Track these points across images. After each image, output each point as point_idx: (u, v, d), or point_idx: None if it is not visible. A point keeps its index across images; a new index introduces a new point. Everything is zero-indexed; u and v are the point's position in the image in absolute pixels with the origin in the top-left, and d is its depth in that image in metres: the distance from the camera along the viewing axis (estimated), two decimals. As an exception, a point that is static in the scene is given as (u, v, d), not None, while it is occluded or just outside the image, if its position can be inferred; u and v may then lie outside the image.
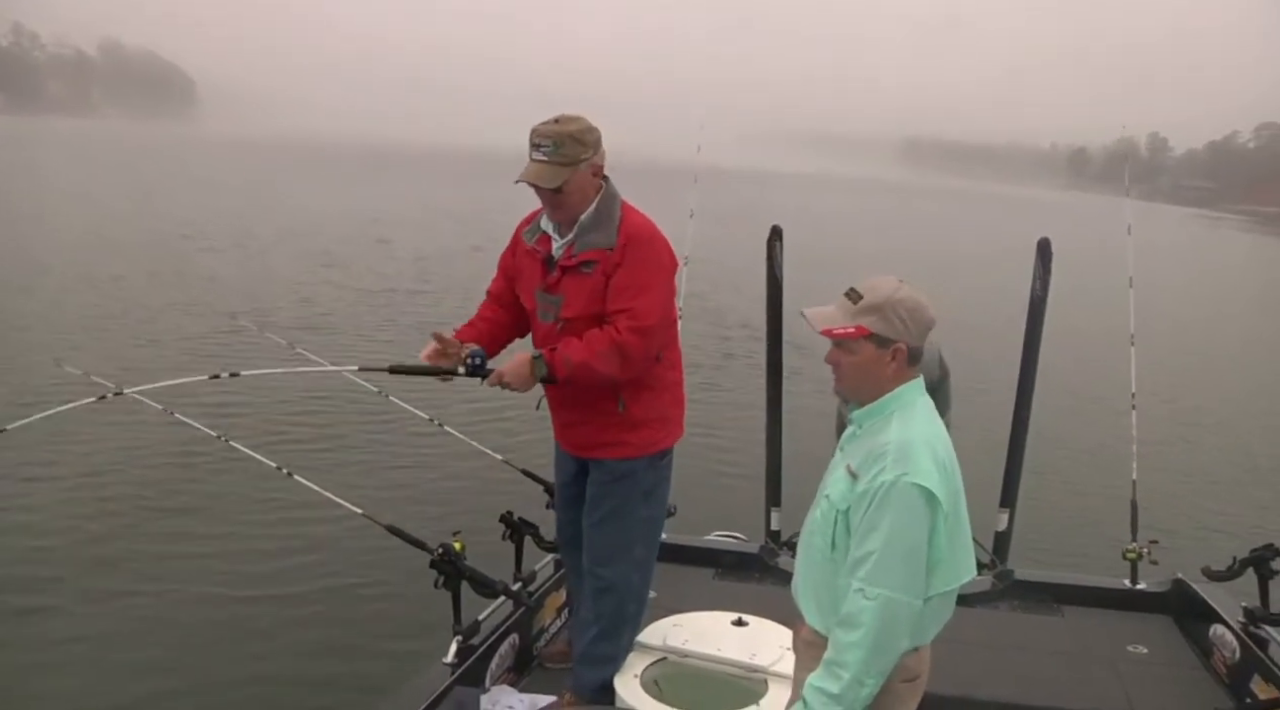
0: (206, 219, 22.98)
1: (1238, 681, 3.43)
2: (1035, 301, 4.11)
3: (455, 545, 2.98)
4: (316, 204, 28.93)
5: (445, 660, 2.99)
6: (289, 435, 7.75)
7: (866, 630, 1.90)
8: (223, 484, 6.54)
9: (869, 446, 2.00)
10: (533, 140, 2.75)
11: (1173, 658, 3.72)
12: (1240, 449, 10.19)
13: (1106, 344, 11.05)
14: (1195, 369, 13.62)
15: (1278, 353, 16.90)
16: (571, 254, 2.82)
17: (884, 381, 2.03)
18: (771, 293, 4.29)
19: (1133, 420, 4.34)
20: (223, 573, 5.45)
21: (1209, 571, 3.69)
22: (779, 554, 4.34)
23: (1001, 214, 51.07)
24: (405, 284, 16.36)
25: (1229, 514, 7.97)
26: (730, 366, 11.63)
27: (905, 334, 1.99)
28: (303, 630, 4.92)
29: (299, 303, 13.95)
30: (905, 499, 1.90)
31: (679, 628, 3.27)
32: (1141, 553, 4.07)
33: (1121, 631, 3.85)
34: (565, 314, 2.84)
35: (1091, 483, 7.87)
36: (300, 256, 18.46)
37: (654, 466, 3.01)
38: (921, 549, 1.92)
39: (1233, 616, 3.61)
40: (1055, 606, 4.05)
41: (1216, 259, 38.91)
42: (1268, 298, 25.90)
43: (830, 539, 2.03)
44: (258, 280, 15.47)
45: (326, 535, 5.73)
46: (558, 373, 2.74)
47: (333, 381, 6.77)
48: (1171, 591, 4.05)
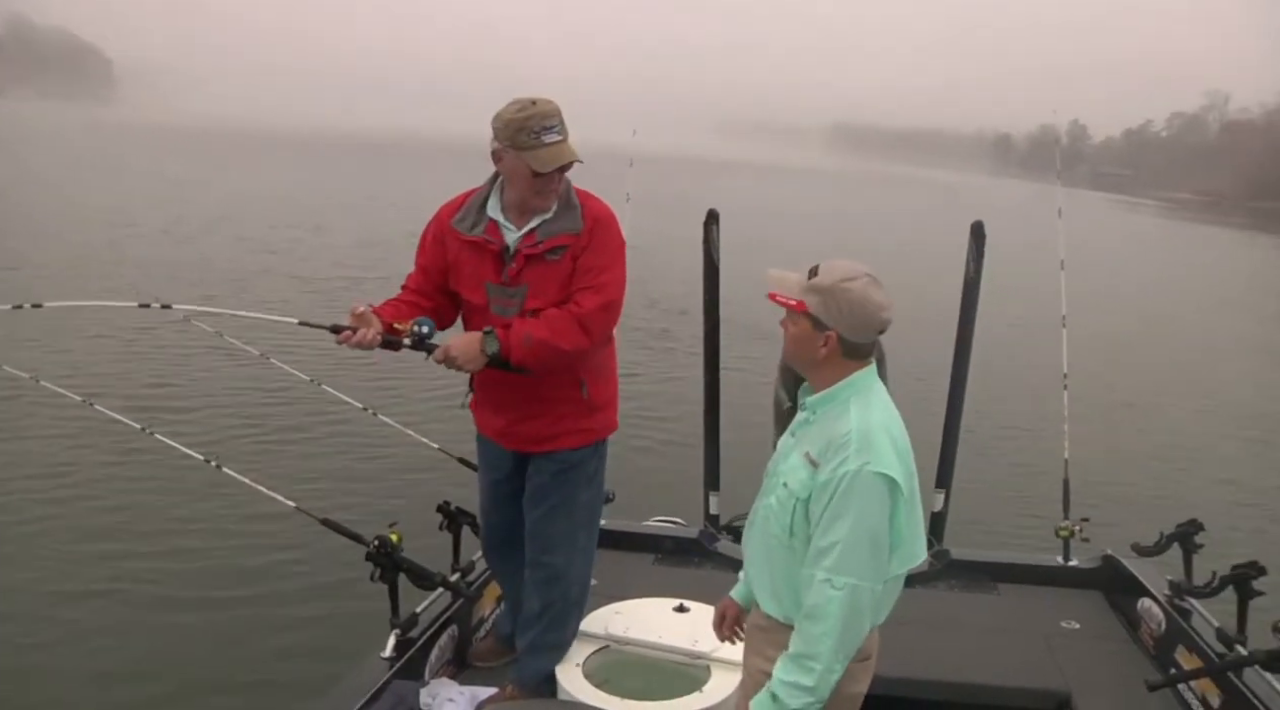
0: (131, 205, 22.11)
1: (1164, 653, 3.53)
2: (969, 284, 4.16)
3: (392, 537, 2.88)
4: (248, 189, 28.05)
5: (383, 654, 2.91)
6: (216, 425, 7.52)
7: (835, 620, 1.91)
8: (145, 477, 6.30)
9: (828, 434, 1.99)
10: (537, 124, 2.59)
11: (1103, 631, 3.81)
12: (1167, 428, 10.54)
13: (1038, 326, 11.41)
14: (1123, 350, 13.99)
15: (1202, 335, 17.43)
16: (535, 241, 2.71)
17: (818, 363, 2.03)
18: (708, 276, 4.27)
19: (1064, 400, 4.42)
20: (145, 572, 5.25)
21: (1138, 547, 3.79)
22: (718, 539, 4.34)
23: (931, 199, 51.94)
24: (345, 272, 15.93)
25: (1157, 492, 8.23)
26: (663, 350, 11.64)
27: (840, 324, 1.98)
28: (233, 629, 4.77)
29: (235, 289, 13.51)
30: (869, 488, 1.91)
31: (620, 615, 3.24)
32: (1073, 530, 4.17)
33: (1055, 607, 3.94)
34: (531, 304, 2.71)
35: (1025, 463, 8.05)
36: (232, 243, 17.88)
37: (598, 452, 2.98)
38: (884, 535, 1.95)
39: (1159, 590, 3.71)
40: (991, 585, 4.12)
41: (1137, 243, 40.17)
42: (1189, 281, 26.78)
43: (788, 526, 2.02)
44: (190, 268, 14.90)
45: (258, 530, 5.57)
46: (513, 352, 2.63)
47: (262, 371, 6.54)
48: (1102, 567, 4.15)
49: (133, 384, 8.43)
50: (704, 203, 4.33)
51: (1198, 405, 11.76)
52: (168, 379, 8.76)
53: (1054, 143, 29.76)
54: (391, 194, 28.83)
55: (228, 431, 7.42)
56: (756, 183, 54.67)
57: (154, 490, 6.17)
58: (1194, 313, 20.05)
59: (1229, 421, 11.12)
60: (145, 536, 5.66)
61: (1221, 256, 37.46)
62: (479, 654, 3.36)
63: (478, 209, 2.79)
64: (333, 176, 36.98)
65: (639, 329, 12.09)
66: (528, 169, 2.62)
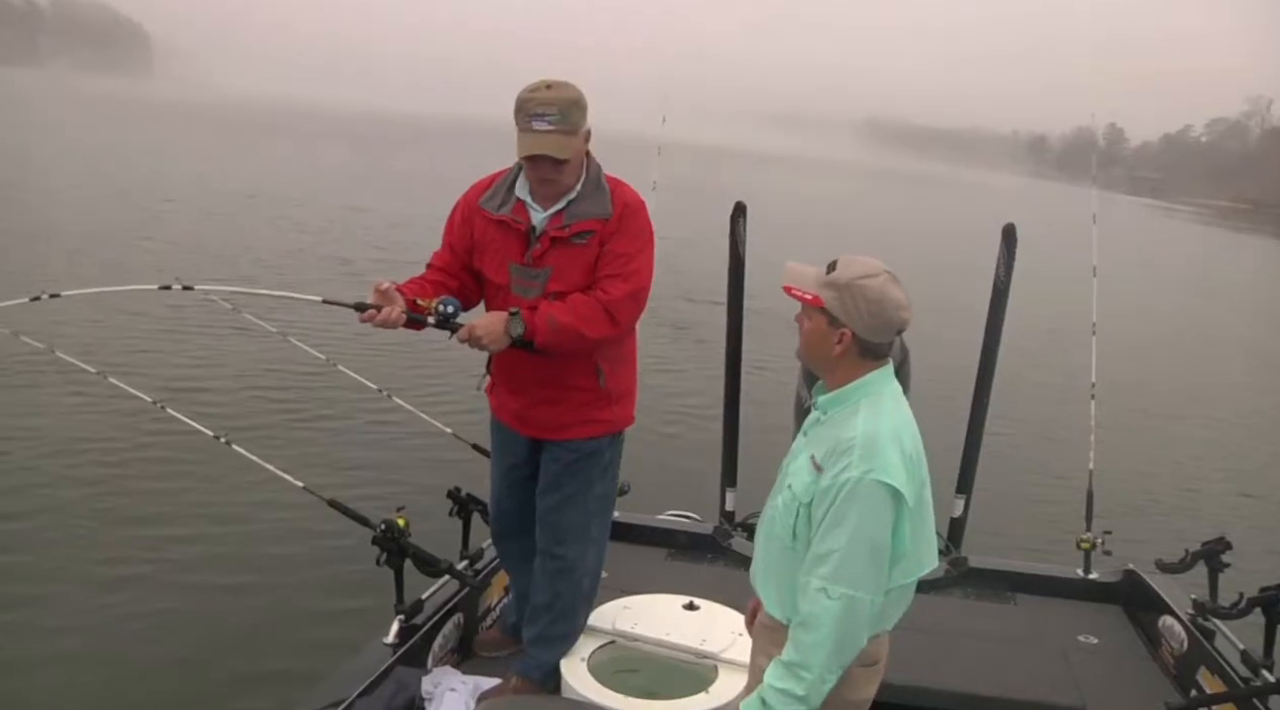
0: (168, 182, 22.21)
1: (1184, 673, 3.43)
2: (999, 287, 4.06)
3: (399, 521, 2.85)
4: (286, 169, 28.27)
5: (386, 640, 2.87)
6: (228, 402, 7.50)
7: (828, 631, 1.86)
8: (154, 454, 6.29)
9: (835, 438, 1.93)
10: (532, 109, 2.54)
11: (1122, 648, 3.72)
12: (1195, 442, 10.33)
13: (1067, 332, 11.23)
14: (1153, 360, 13.80)
15: (1235, 345, 17.19)
16: (562, 224, 2.67)
17: (831, 360, 1.98)
18: (734, 269, 4.20)
19: (1091, 410, 4.33)
20: (153, 549, 5.24)
21: (1162, 563, 3.69)
22: (733, 536, 4.28)
23: (964, 198, 51.47)
24: (378, 253, 15.89)
25: (1182, 506, 8.08)
26: (688, 342, 11.57)
27: (856, 322, 1.92)
28: (236, 609, 4.75)
29: (265, 269, 13.52)
30: (870, 497, 1.85)
31: (629, 610, 3.19)
32: (1095, 542, 4.07)
33: (1073, 621, 3.85)
34: (554, 287, 2.68)
35: (1048, 471, 7.91)
36: (267, 222, 17.89)
37: (615, 443, 2.93)
38: (885, 546, 1.89)
39: (1181, 608, 3.62)
40: (1009, 594, 4.03)
41: (1174, 250, 39.60)
42: (1226, 290, 26.38)
43: (791, 529, 1.98)
44: (224, 246, 14.93)
45: (265, 509, 5.55)
46: (538, 335, 2.59)
47: (278, 351, 6.54)
48: (1123, 582, 4.05)
49: (150, 360, 8.41)
50: (728, 193, 4.26)
51: (1228, 418, 11.54)
52: (185, 356, 8.75)
53: (1089, 145, 29.31)
54: (428, 175, 28.91)
55: (241, 409, 7.41)
56: (786, 175, 54.33)
57: (162, 466, 6.16)
58: (1226, 323, 19.74)
59: (1259, 436, 10.92)
60: (149, 516, 5.64)
61: (1258, 266, 36.83)
62: (484, 643, 3.32)
63: (506, 189, 2.77)
64: (369, 156, 37.17)
65: (663, 320, 12.04)
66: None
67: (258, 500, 5.59)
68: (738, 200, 4.19)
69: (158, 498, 5.84)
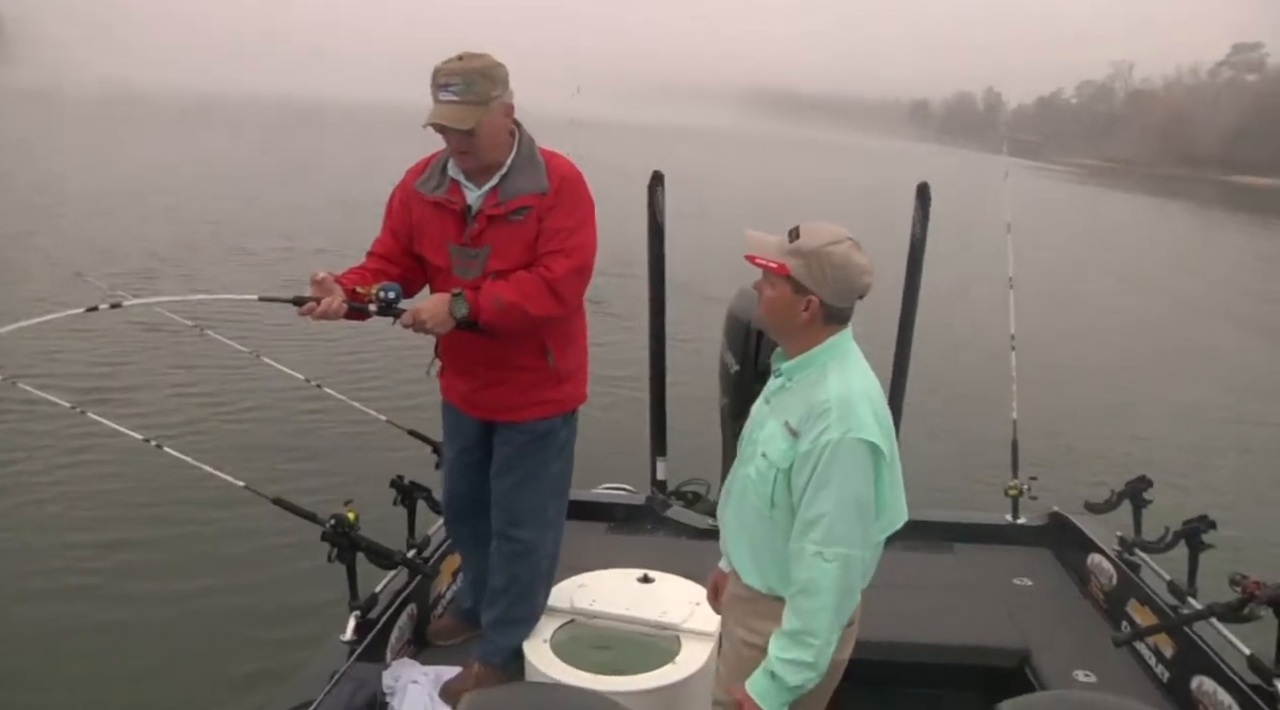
0: (49, 178, 20.89)
1: (1115, 606, 3.61)
2: (915, 244, 4.16)
3: (348, 515, 2.76)
4: (166, 158, 26.88)
5: (343, 638, 2.78)
6: (153, 405, 7.17)
7: (829, 593, 1.90)
8: (80, 462, 5.99)
9: (808, 402, 1.95)
10: (438, 80, 2.50)
11: (1054, 587, 3.89)
12: (1108, 388, 10.83)
13: (979, 289, 11.58)
14: (1056, 312, 14.33)
15: (1139, 295, 17.95)
16: (498, 201, 2.60)
17: (796, 328, 1.99)
18: (653, 239, 4.19)
19: (1012, 361, 4.48)
20: (93, 560, 5.01)
21: (1090, 504, 3.86)
22: (670, 505, 4.30)
23: (861, 163, 52.47)
24: (271, 241, 15.35)
25: (1100, 449, 8.48)
26: (600, 315, 11.52)
27: (822, 288, 1.94)
28: (188, 615, 4.58)
29: (173, 264, 12.91)
30: (852, 455, 1.89)
31: (584, 588, 3.17)
32: (1022, 489, 4.24)
33: (1007, 565, 4.00)
34: (495, 266, 2.62)
35: (973, 423, 8.15)
36: (163, 215, 17.04)
37: (569, 422, 2.89)
38: (870, 502, 1.93)
39: (1108, 545, 3.80)
40: (946, 544, 4.16)
41: (1051, 209, 41.33)
42: (1106, 245, 27.61)
43: (769, 497, 2.00)
44: (125, 242, 14.16)
45: (204, 513, 5.33)
46: (482, 315, 2.54)
47: (197, 345, 6.25)
48: (1050, 525, 4.23)
49: (63, 363, 7.95)
50: (619, 166, 4.23)
51: (1135, 365, 12.13)
52: (100, 358, 8.30)
53: (997, 109, 30.32)
54: (312, 160, 27.96)
55: (167, 411, 7.10)
56: (673, 146, 54.44)
57: (91, 475, 5.88)
58: (1114, 277, 20.71)
59: (1166, 380, 11.52)
60: (83, 524, 5.40)
61: (1133, 221, 38.71)
62: (438, 632, 3.25)
63: (440, 170, 2.70)
64: (248, 144, 35.70)
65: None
66: None
67: (196, 502, 5.36)
68: (655, 169, 4.17)
69: (91, 506, 5.59)
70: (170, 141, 33.98)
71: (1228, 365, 12.69)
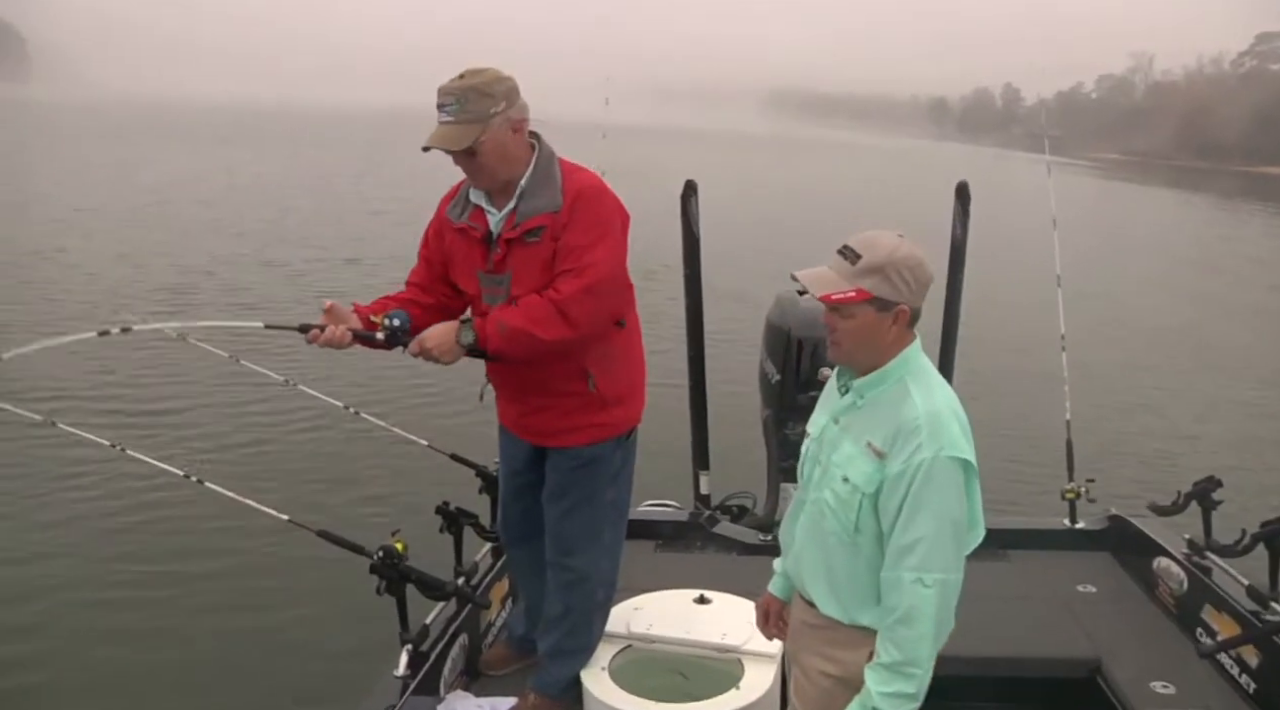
0: (67, 190, 21.11)
1: (1187, 613, 3.47)
2: (956, 244, 4.09)
3: (396, 546, 2.68)
4: (184, 170, 27.18)
5: (396, 673, 2.69)
6: (186, 437, 7.09)
7: (929, 619, 1.82)
8: (122, 501, 5.90)
9: (894, 420, 1.85)
10: (437, 100, 2.43)
11: (1119, 593, 3.75)
12: (1162, 387, 10.63)
13: (1029, 287, 11.37)
14: (1111, 310, 14.16)
15: (1183, 295, 17.63)
16: (514, 224, 2.51)
17: (884, 347, 1.89)
18: (688, 249, 4.11)
19: (1063, 360, 4.36)
20: (140, 599, 4.93)
21: (1155, 507, 3.72)
22: (719, 521, 4.21)
23: (889, 161, 52.01)
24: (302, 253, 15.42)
25: (1157, 450, 8.30)
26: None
27: (908, 295, 1.84)
28: (232, 657, 4.50)
29: (194, 283, 12.88)
30: (946, 475, 1.80)
31: (640, 611, 3.08)
32: (1080, 492, 4.12)
33: (1068, 572, 3.87)
34: (516, 291, 2.53)
35: (1026, 425, 8.00)
36: (186, 226, 17.19)
37: (622, 446, 2.77)
38: (964, 522, 1.86)
39: (1176, 549, 3.66)
40: (1000, 552, 4.02)
41: (1077, 204, 40.86)
42: (1147, 240, 27.19)
43: (853, 523, 1.89)
44: (145, 260, 14.19)
45: (249, 547, 5.26)
46: (489, 341, 2.45)
47: (231, 376, 6.22)
48: (1110, 528, 4.10)
49: (97, 399, 7.89)
50: (648, 174, 4.17)
51: (1189, 363, 11.91)
52: (134, 392, 8.22)
53: (1015, 104, 29.99)
54: (333, 172, 28.20)
55: (206, 443, 7.02)
56: (701, 151, 54.39)
57: (133, 513, 5.80)
58: (1145, 271, 20.35)
59: (1224, 378, 11.30)
60: (127, 564, 5.32)
61: (1158, 216, 38.18)
62: (490, 662, 3.16)
63: (465, 196, 2.63)
64: (263, 155, 36.09)
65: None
66: None
67: (238, 535, 5.28)
68: (688, 178, 4.10)
69: (133, 543, 5.51)
70: (189, 152, 34.38)
71: (1262, 361, 12.44)
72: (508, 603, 3.48)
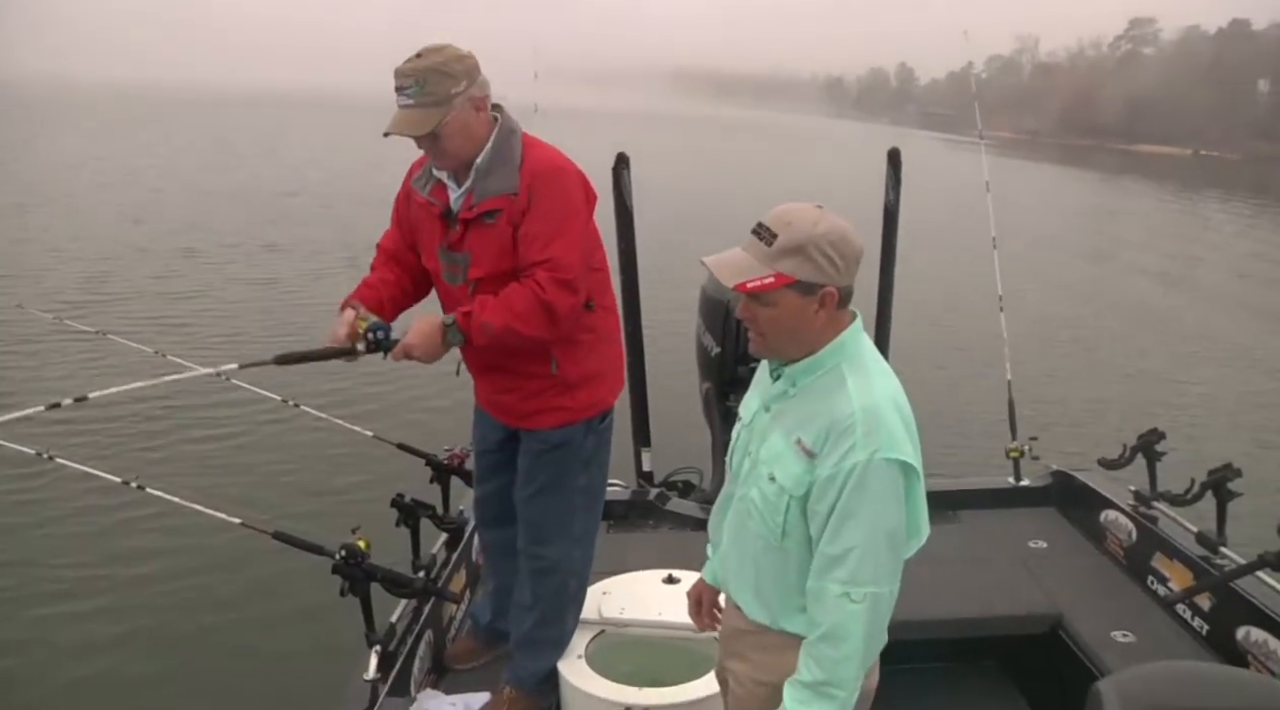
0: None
1: (1137, 562, 3.56)
2: (889, 210, 4.16)
3: (359, 544, 2.53)
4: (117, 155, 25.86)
5: (366, 676, 2.55)
6: (123, 441, 6.67)
7: (858, 639, 1.65)
8: (55, 509, 5.54)
9: (825, 415, 1.67)
10: (396, 83, 2.28)
11: (1071, 547, 3.83)
12: (1093, 347, 10.98)
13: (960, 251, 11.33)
14: (1034, 274, 14.70)
15: (1082, 262, 18.36)
16: (470, 204, 2.40)
17: (813, 335, 1.69)
18: (621, 223, 4.03)
19: (1002, 321, 4.43)
20: (81, 616, 4.63)
21: (1104, 461, 3.79)
22: (669, 498, 4.16)
23: (788, 139, 52.46)
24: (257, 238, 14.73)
25: (1092, 406, 8.56)
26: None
27: (834, 275, 1.63)
28: (190, 670, 4.27)
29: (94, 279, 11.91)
30: (881, 479, 1.61)
31: (610, 596, 2.99)
32: (1023, 450, 4.19)
33: (1017, 529, 3.93)
34: (473, 274, 2.43)
35: (966, 388, 8.16)
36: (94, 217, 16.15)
37: (593, 431, 2.66)
38: (901, 529, 1.67)
39: (1122, 501, 3.75)
40: (951, 513, 4.07)
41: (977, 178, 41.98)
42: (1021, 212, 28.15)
43: (779, 527, 1.73)
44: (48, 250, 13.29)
45: (197, 552, 4.98)
46: (474, 340, 2.36)
47: (155, 371, 5.84)
48: (1054, 483, 4.18)
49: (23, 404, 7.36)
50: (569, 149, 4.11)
51: (1110, 327, 12.35)
52: (50, 390, 7.73)
53: (909, 84, 30.71)
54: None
55: (141, 445, 6.62)
56: (615, 128, 54.12)
57: (68, 523, 5.43)
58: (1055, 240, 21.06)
59: (1124, 341, 11.73)
60: (69, 578, 4.99)
61: (1046, 190, 39.56)
62: (456, 655, 3.04)
63: (429, 168, 2.51)
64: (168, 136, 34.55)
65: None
66: None
67: (184, 537, 5.01)
68: (619, 151, 4.02)
69: (73, 554, 5.16)
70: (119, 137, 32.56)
71: (1174, 323, 13.04)
72: (467, 594, 3.37)
